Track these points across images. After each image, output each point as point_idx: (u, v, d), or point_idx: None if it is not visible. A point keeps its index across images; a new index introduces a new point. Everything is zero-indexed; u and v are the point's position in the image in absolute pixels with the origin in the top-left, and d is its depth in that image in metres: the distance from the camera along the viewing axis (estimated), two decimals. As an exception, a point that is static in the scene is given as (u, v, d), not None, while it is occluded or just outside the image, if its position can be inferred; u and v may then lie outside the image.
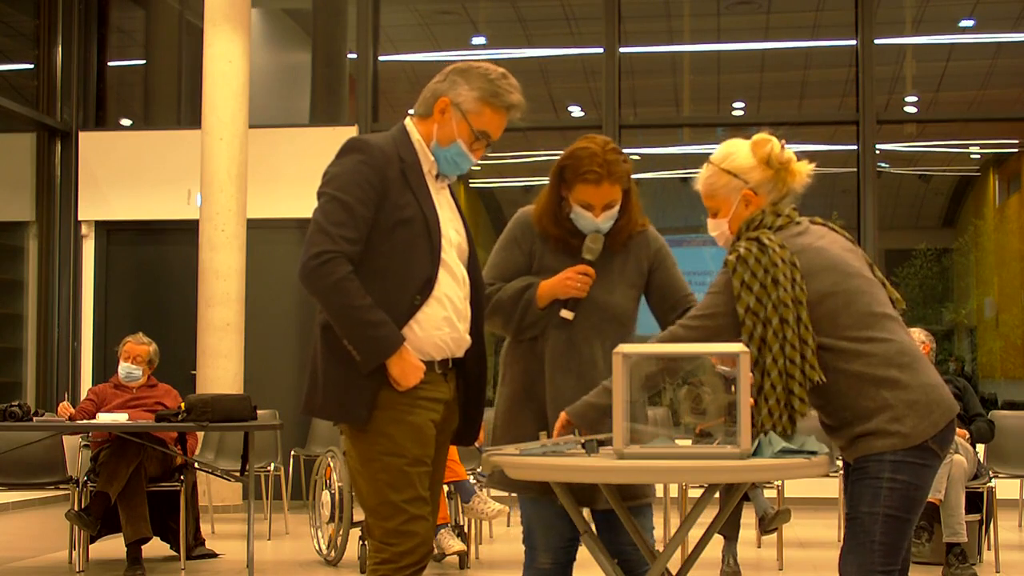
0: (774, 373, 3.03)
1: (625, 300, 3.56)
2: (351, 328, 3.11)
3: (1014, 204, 12.80)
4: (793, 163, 3.22)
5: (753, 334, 3.05)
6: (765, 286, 3.04)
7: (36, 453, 7.07)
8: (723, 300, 3.10)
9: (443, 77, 3.29)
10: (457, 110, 3.24)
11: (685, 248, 12.16)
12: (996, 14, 11.62)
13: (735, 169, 3.22)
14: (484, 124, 3.25)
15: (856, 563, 3.01)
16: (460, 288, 3.27)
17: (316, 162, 12.18)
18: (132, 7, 12.09)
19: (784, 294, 3.03)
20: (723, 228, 3.25)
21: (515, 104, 3.28)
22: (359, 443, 3.18)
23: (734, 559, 6.43)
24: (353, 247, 3.12)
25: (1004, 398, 12.09)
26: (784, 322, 3.02)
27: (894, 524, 3.00)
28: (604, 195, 3.47)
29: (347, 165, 3.20)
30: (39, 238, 11.07)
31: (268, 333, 10.39)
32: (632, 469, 2.99)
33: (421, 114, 3.31)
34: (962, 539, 6.36)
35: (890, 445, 2.99)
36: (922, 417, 3.01)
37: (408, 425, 3.16)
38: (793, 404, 3.03)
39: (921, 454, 3.02)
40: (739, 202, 3.21)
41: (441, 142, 3.27)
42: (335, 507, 6.80)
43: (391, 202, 3.17)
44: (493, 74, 3.26)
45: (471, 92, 3.24)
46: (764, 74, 12.45)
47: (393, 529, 3.13)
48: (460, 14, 12.26)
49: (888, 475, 2.99)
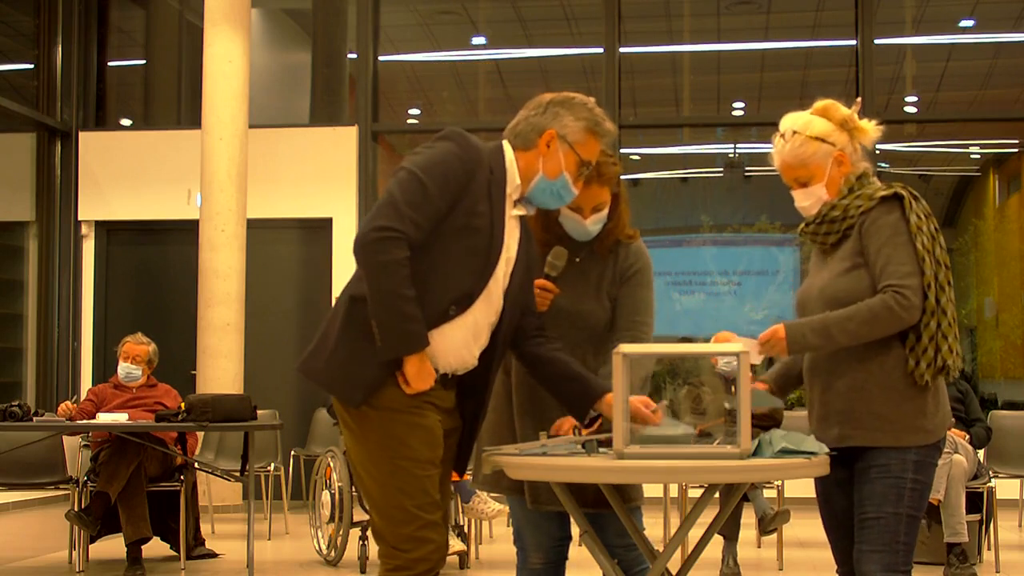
0: (950, 312, 3.10)
1: (598, 309, 3.51)
2: (386, 313, 3.01)
3: (1014, 204, 12.80)
4: (860, 122, 3.30)
5: (925, 272, 3.08)
6: (930, 231, 3.13)
7: (36, 453, 7.07)
8: (910, 249, 3.10)
9: (542, 110, 3.24)
10: (563, 142, 3.21)
11: (685, 248, 12.16)
12: (996, 14, 11.62)
13: (822, 134, 3.26)
14: (589, 153, 3.24)
15: (883, 564, 3.06)
16: (489, 315, 3.19)
17: (316, 162, 12.10)
18: (132, 7, 12.09)
19: (943, 242, 3.16)
20: (819, 194, 3.25)
21: (611, 132, 3.29)
22: (368, 445, 3.10)
23: (734, 559, 6.43)
24: (418, 233, 3.03)
25: (1004, 398, 12.09)
26: (948, 268, 3.13)
27: (913, 524, 3.09)
28: (592, 197, 3.44)
29: (441, 151, 3.11)
30: (39, 238, 11.06)
31: (268, 333, 10.39)
32: (632, 469, 2.99)
33: (519, 146, 3.24)
34: (963, 539, 6.36)
35: (916, 440, 3.07)
36: (940, 417, 3.12)
37: (420, 428, 3.09)
38: (957, 349, 3.10)
39: (934, 454, 3.12)
40: (832, 165, 3.24)
41: (548, 174, 3.22)
42: (335, 507, 6.79)
43: (467, 205, 3.10)
44: (590, 103, 3.26)
45: (577, 123, 3.22)
46: (764, 74, 12.46)
47: (407, 535, 3.05)
48: (460, 14, 12.26)
49: (911, 475, 3.06)
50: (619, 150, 10.41)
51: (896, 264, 3.07)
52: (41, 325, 10.98)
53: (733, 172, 12.62)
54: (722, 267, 11.81)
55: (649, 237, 12.11)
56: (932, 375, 3.06)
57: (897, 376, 3.08)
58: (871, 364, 3.08)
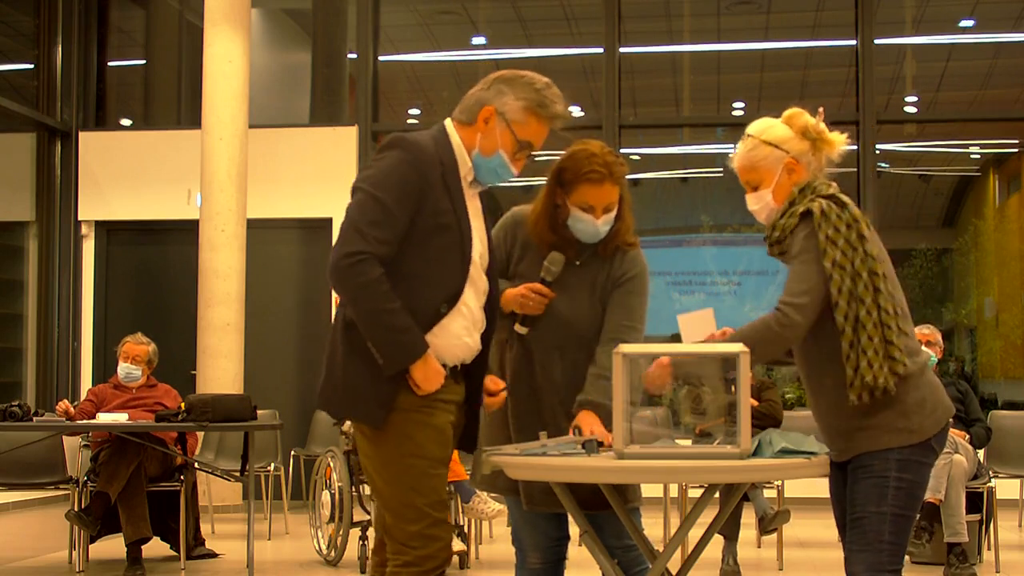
0: (869, 325, 3.00)
1: (592, 315, 3.51)
2: (378, 332, 3.04)
3: (1014, 204, 12.80)
4: (826, 133, 3.26)
5: (842, 287, 3.02)
6: (850, 241, 3.03)
7: (36, 453, 7.07)
8: (815, 266, 3.05)
9: (488, 85, 3.21)
10: (502, 119, 3.18)
11: (685, 248, 12.16)
12: (996, 14, 11.62)
13: (776, 140, 3.24)
14: (528, 134, 3.20)
15: (866, 563, 3.02)
16: (479, 298, 3.22)
17: (316, 162, 12.08)
18: (132, 7, 12.09)
19: (871, 247, 3.04)
20: (766, 200, 3.24)
21: (559, 114, 3.23)
22: (381, 445, 3.11)
23: (734, 559, 6.43)
24: (387, 248, 3.04)
25: (1004, 398, 12.09)
26: (874, 274, 3.03)
27: (901, 523, 3.03)
28: (605, 196, 3.46)
29: (390, 162, 3.10)
30: (39, 238, 11.06)
31: (268, 333, 10.39)
32: (632, 469, 2.99)
33: (463, 120, 3.22)
34: (963, 539, 6.36)
35: (897, 440, 3.01)
36: (928, 415, 3.05)
37: (431, 428, 3.11)
38: (893, 355, 3.00)
39: (924, 452, 3.05)
40: (782, 172, 3.22)
41: (484, 152, 3.20)
42: (335, 507, 6.79)
43: (429, 207, 3.10)
44: (539, 83, 3.21)
45: (517, 101, 3.18)
46: (764, 74, 12.46)
47: (417, 532, 3.07)
48: (460, 14, 12.26)
49: (895, 473, 3.01)
50: (619, 150, 10.40)
51: (793, 282, 3.07)
52: (41, 325, 10.98)
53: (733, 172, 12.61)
54: (722, 267, 11.81)
55: (649, 237, 12.12)
56: (856, 394, 2.99)
57: None
58: (839, 379, 3.06)
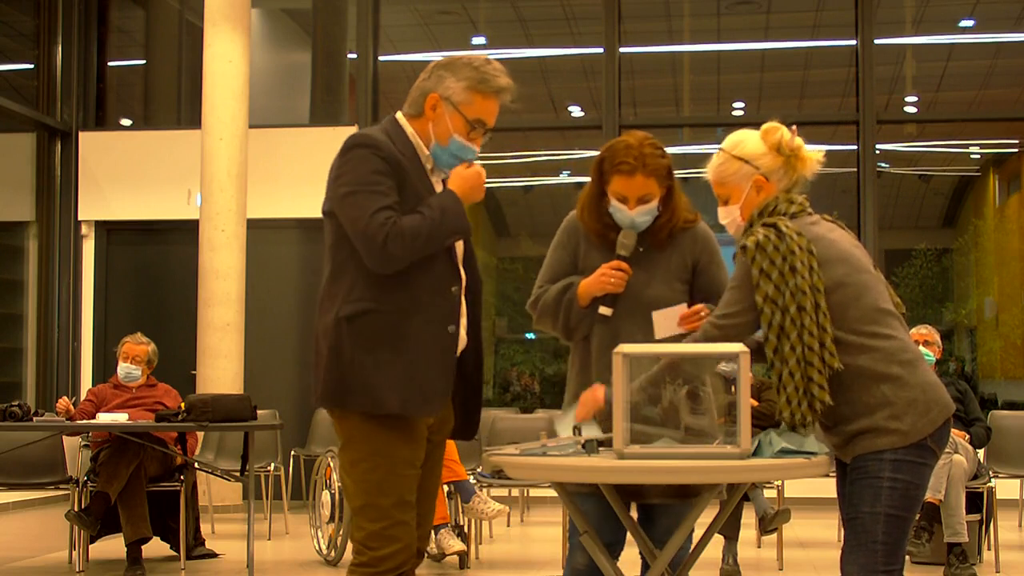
0: (792, 361, 3.01)
1: (668, 292, 3.54)
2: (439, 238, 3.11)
3: (1014, 204, 12.80)
4: (803, 150, 3.23)
5: (772, 322, 3.03)
6: (783, 273, 3.03)
7: (36, 453, 7.06)
8: (746, 294, 3.07)
9: (428, 74, 3.25)
10: (448, 103, 3.20)
11: (685, 248, 12.15)
12: (996, 14, 11.62)
13: (746, 155, 3.24)
14: (477, 112, 3.21)
15: (859, 564, 3.01)
16: (458, 285, 3.24)
17: (316, 162, 12.20)
18: (132, 7, 12.09)
19: (802, 281, 3.02)
20: (734, 215, 3.24)
21: (504, 87, 3.23)
22: (350, 442, 3.14)
23: (734, 559, 6.43)
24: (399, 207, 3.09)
25: (1004, 398, 12.09)
26: (802, 309, 3.01)
27: (895, 523, 3.00)
28: (638, 187, 3.48)
29: (356, 160, 3.13)
30: (39, 238, 11.06)
31: (268, 333, 10.39)
32: (632, 469, 2.98)
33: (412, 114, 3.26)
34: (963, 539, 6.36)
35: (890, 442, 2.99)
36: (921, 415, 3.01)
37: (400, 426, 3.12)
38: (812, 392, 3.00)
39: (920, 452, 3.02)
40: (750, 189, 3.21)
41: (439, 140, 3.22)
42: (335, 507, 6.79)
43: (409, 191, 3.14)
44: (476, 61, 3.23)
45: (459, 83, 3.20)
46: (764, 74, 12.45)
47: (376, 532, 3.10)
48: (460, 14, 12.26)
49: (888, 474, 2.99)
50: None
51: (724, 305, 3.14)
52: (41, 325, 10.98)
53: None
54: (722, 267, 11.80)
55: (649, 237, 12.11)
56: (790, 424, 3.03)
57: (855, 390, 3.04)
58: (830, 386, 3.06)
